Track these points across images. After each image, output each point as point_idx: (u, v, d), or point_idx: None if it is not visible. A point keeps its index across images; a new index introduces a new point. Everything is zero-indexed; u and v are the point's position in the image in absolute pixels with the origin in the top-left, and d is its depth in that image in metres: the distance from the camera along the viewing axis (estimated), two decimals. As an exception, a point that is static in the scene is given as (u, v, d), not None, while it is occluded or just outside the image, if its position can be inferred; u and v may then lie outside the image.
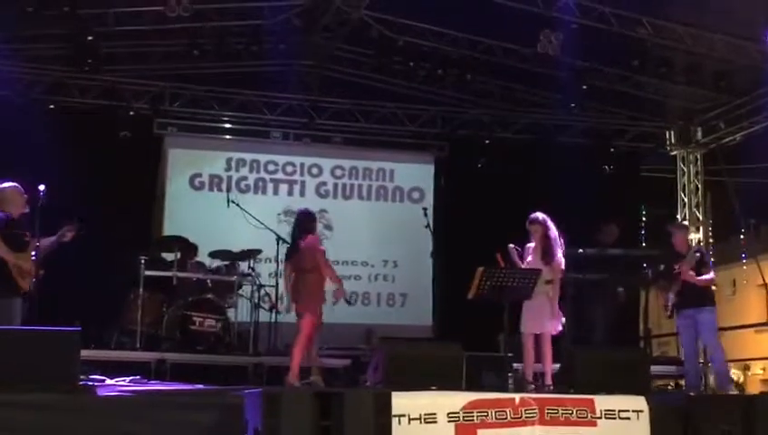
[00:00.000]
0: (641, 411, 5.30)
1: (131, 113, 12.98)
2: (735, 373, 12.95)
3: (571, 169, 12.82)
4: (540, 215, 8.89)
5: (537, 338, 8.57)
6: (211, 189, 13.52)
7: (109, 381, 7.30)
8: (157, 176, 13.30)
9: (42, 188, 8.23)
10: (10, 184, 8.29)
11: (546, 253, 8.68)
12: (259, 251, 11.27)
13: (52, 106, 12.65)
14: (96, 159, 12.10)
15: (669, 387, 11.29)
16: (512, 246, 8.56)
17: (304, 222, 9.09)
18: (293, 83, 13.72)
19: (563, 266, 8.79)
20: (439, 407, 4.97)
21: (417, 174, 14.38)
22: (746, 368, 13.74)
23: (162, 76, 13.21)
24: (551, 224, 8.84)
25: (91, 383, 6.76)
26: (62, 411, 5.05)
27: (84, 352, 6.29)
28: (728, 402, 5.60)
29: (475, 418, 5.02)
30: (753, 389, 13.05)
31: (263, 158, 13.84)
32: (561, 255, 8.79)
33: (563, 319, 8.72)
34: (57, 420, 4.99)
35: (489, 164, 13.90)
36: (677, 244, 9.52)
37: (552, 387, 8.13)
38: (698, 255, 9.28)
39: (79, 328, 6.12)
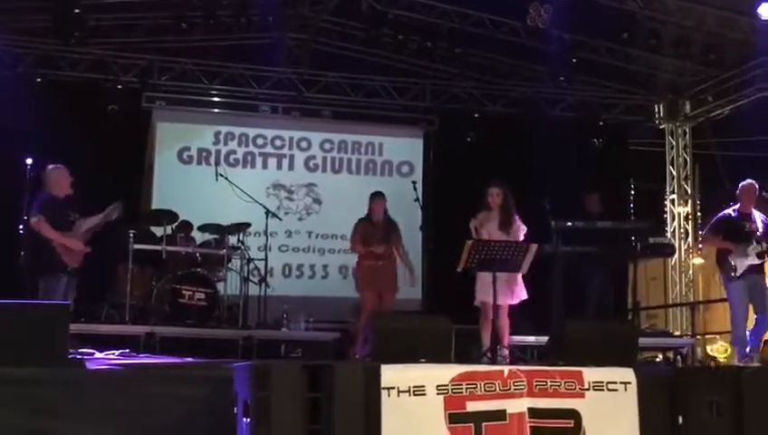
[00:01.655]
0: (629, 383, 5.32)
1: (119, 87, 12.91)
2: (723, 345, 13.02)
3: (560, 142, 12.82)
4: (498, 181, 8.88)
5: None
6: (200, 163, 13.47)
7: (98, 355, 7.31)
8: (145, 150, 13.26)
9: (29, 161, 8.31)
10: (55, 166, 8.64)
11: (506, 221, 8.68)
12: (248, 225, 11.26)
13: (39, 79, 12.56)
14: (84, 132, 12.05)
15: (658, 359, 11.37)
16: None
17: None
18: (282, 56, 13.66)
19: (524, 234, 8.75)
20: (428, 379, 4.98)
21: (406, 148, 14.36)
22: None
23: (150, 49, 13.14)
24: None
25: (80, 357, 6.77)
26: (52, 385, 5.04)
27: (73, 326, 6.29)
28: (716, 374, 5.62)
29: (464, 390, 5.04)
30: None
31: (251, 131, 13.79)
32: (520, 222, 8.78)
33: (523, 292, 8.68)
34: (46, 393, 4.99)
35: (478, 138, 13.88)
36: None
37: (508, 359, 8.12)
38: None
39: (68, 301, 6.15)
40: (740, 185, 9.42)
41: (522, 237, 8.68)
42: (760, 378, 5.29)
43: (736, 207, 9.39)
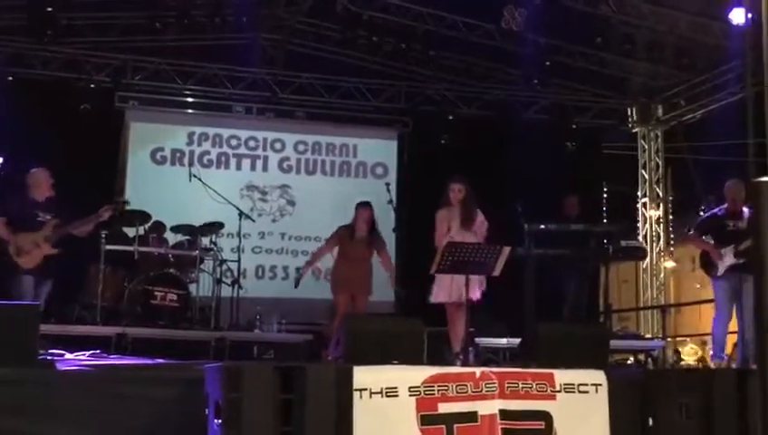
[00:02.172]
0: (600, 385, 5.35)
1: (92, 86, 12.86)
2: (694, 348, 13.12)
3: (533, 145, 12.89)
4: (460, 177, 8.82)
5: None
6: (173, 164, 13.43)
7: (68, 356, 7.25)
8: (118, 150, 13.18)
9: (0, 160, 8.31)
10: (37, 169, 8.67)
11: (467, 217, 8.63)
12: (222, 225, 11.20)
13: (11, 78, 12.47)
14: (56, 132, 11.98)
15: (629, 361, 11.42)
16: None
17: None
18: (257, 57, 13.63)
19: (487, 228, 8.70)
20: (400, 381, 4.98)
21: (380, 150, 14.37)
22: (704, 343, 13.93)
23: (123, 49, 13.09)
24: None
25: (50, 358, 6.71)
26: (21, 386, 5.00)
27: (44, 327, 6.25)
28: (686, 376, 5.66)
29: (436, 392, 5.04)
30: (711, 363, 13.20)
31: (225, 132, 13.75)
32: (483, 217, 8.72)
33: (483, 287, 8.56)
34: (15, 394, 4.95)
35: (452, 140, 13.93)
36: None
37: (461, 358, 8.13)
38: None
39: (38, 302, 6.11)
40: (726, 184, 9.43)
41: (485, 232, 8.65)
42: (729, 380, 5.33)
43: (724, 206, 9.42)
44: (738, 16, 11.26)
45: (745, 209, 9.07)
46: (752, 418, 5.03)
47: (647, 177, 15.11)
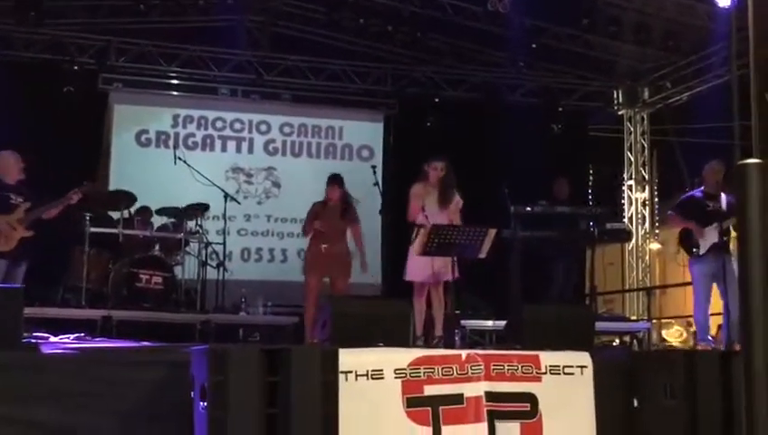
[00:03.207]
0: (585, 367, 5.36)
1: (75, 68, 12.75)
2: (678, 330, 13.18)
3: (519, 127, 12.90)
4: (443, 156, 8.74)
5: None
6: (158, 146, 13.37)
7: (53, 339, 7.23)
8: (102, 132, 13.12)
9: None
10: (6, 152, 8.64)
11: (445, 197, 8.55)
12: (207, 206, 11.17)
13: (-7, 60, 12.41)
14: (39, 114, 11.93)
15: (614, 343, 11.48)
16: None
17: None
18: (242, 39, 13.57)
19: (460, 209, 8.63)
20: (386, 363, 4.98)
21: (366, 132, 14.35)
22: (689, 325, 13.98)
23: (107, 30, 12.99)
24: None
25: (34, 341, 6.69)
26: (5, 370, 4.98)
27: (28, 310, 6.23)
28: (670, 358, 5.67)
29: (422, 374, 5.05)
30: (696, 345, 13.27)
31: (210, 114, 13.70)
32: (459, 197, 8.63)
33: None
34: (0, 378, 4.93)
35: (438, 122, 13.90)
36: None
37: (441, 339, 8.13)
38: None
39: (22, 285, 6.08)
40: (705, 166, 9.47)
41: (459, 212, 8.61)
42: (713, 361, 5.35)
43: (702, 188, 9.47)
44: (724, -1, 11.28)
45: (723, 194, 9.15)
46: (736, 399, 5.06)
47: (632, 159, 15.13)
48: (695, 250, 9.16)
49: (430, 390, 5.04)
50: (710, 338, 9.13)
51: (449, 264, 8.01)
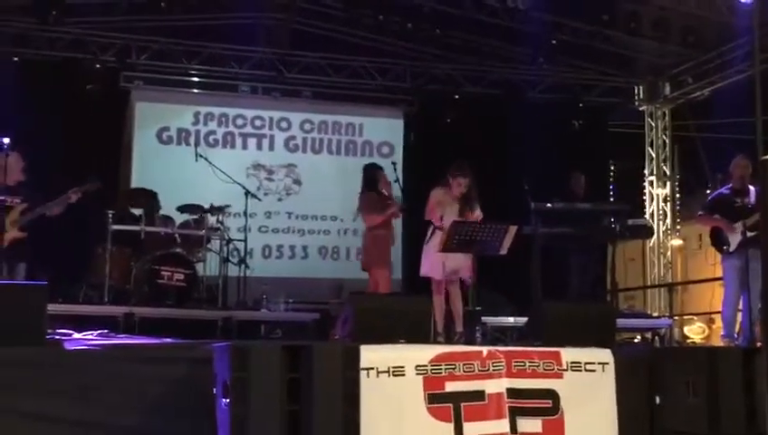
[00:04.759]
0: (607, 364, 5.36)
1: (97, 66, 12.81)
2: (700, 326, 13.13)
3: (539, 124, 12.88)
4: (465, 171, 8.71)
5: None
6: (179, 143, 13.40)
7: (76, 336, 7.28)
8: (124, 130, 13.18)
9: (6, 141, 8.25)
10: (4, 153, 8.54)
11: (469, 205, 8.59)
12: (228, 205, 11.21)
13: (16, 59, 12.44)
14: (62, 112, 11.98)
15: (636, 340, 11.44)
16: None
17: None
18: (262, 37, 13.58)
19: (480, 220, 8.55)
20: (407, 360, 5.00)
21: (386, 129, 14.34)
22: (711, 321, 13.94)
23: (128, 28, 13.02)
24: None
25: (58, 337, 6.74)
26: (30, 366, 5.03)
27: (51, 307, 6.26)
28: (692, 355, 5.66)
29: (443, 370, 5.06)
30: (717, 341, 13.21)
31: (231, 112, 13.72)
32: (480, 211, 8.64)
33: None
34: (24, 374, 4.97)
35: (458, 119, 13.88)
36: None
37: (462, 336, 8.11)
38: None
39: (45, 282, 6.11)
40: (732, 161, 9.38)
41: None
42: (736, 358, 5.33)
43: (729, 184, 9.39)
44: (745, -7, 11.21)
45: (752, 188, 9.04)
46: (758, 395, 5.04)
47: (653, 155, 15.06)
48: (725, 247, 9.10)
49: (452, 386, 5.06)
50: (736, 335, 9.07)
51: (467, 261, 8.02)
